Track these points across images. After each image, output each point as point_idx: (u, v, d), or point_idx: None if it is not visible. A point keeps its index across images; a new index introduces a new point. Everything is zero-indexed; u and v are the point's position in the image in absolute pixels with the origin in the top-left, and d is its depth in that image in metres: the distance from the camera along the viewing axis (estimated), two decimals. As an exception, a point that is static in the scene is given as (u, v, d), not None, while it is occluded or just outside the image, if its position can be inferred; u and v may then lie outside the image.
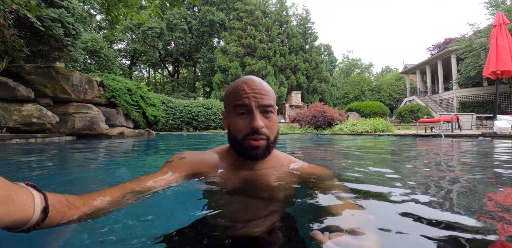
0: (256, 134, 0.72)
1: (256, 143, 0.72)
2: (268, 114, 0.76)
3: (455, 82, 15.78)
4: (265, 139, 0.74)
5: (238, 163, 0.82)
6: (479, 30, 14.10)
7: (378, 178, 1.13)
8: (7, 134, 4.30)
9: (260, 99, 0.74)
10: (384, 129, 9.17)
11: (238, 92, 0.75)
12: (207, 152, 0.87)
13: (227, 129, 0.81)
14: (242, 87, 0.75)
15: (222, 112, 0.86)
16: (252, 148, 0.73)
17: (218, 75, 21.33)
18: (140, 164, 2.03)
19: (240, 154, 0.78)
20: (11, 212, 0.34)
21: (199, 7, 28.62)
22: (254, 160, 0.77)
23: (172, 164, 0.77)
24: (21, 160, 2.16)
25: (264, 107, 0.74)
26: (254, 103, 0.73)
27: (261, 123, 0.72)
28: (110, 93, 7.05)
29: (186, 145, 4.23)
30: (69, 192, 1.09)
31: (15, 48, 5.72)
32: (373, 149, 3.19)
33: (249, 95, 0.73)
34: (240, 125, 0.74)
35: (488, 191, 0.92)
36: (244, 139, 0.73)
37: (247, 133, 0.73)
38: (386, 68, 44.71)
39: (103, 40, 15.06)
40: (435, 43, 22.10)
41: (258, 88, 0.75)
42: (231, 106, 0.76)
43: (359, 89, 28.56)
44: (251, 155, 0.74)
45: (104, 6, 4.68)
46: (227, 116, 0.82)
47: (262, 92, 0.75)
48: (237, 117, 0.75)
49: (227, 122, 0.82)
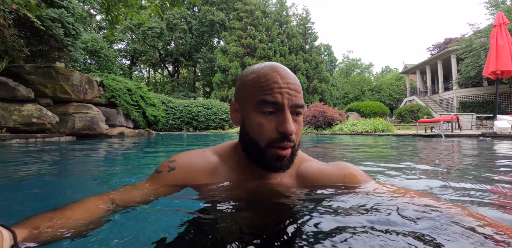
0: (287, 141, 0.58)
1: (284, 153, 0.59)
2: (298, 117, 0.61)
3: (455, 82, 15.78)
4: (292, 147, 0.60)
5: (246, 169, 0.67)
6: (479, 30, 14.10)
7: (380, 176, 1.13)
8: (7, 134, 4.30)
9: (294, 97, 0.59)
10: (384, 129, 9.17)
11: (269, 84, 0.58)
12: (205, 153, 0.71)
13: (240, 127, 0.65)
14: (274, 78, 0.59)
15: (231, 103, 0.67)
16: (279, 159, 0.59)
17: (218, 75, 21.33)
18: (140, 165, 2.03)
19: (258, 163, 0.62)
20: None
21: (199, 7, 28.62)
22: (275, 172, 0.63)
23: (160, 176, 0.66)
24: (21, 160, 2.16)
25: (296, 108, 0.60)
26: (287, 101, 0.58)
27: (294, 127, 0.58)
28: (110, 93, 7.05)
29: (186, 144, 4.23)
30: (66, 193, 1.09)
31: (15, 48, 5.72)
32: (373, 149, 3.19)
33: (283, 90, 0.58)
34: (265, 127, 0.58)
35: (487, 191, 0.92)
36: (270, 146, 0.59)
37: (275, 139, 0.58)
38: (386, 68, 44.71)
39: (103, 40, 15.06)
40: (435, 43, 22.10)
41: (292, 83, 0.60)
42: (253, 99, 0.60)
43: (359, 89, 28.56)
44: (275, 167, 0.60)
45: (104, 6, 4.68)
46: (241, 110, 0.64)
47: (297, 88, 0.60)
48: (260, 115, 0.59)
49: (241, 117, 0.65)
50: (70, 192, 1.10)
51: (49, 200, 0.93)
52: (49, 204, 0.86)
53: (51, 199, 0.96)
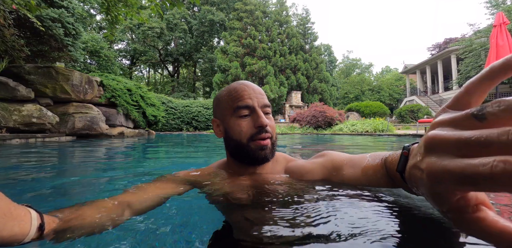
0: (264, 132, 0.69)
1: (265, 142, 0.70)
2: (268, 115, 0.74)
3: (455, 82, 15.78)
4: (270, 138, 0.72)
5: (238, 170, 0.78)
6: (479, 30, 14.10)
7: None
8: (7, 134, 4.30)
9: (261, 99, 0.72)
10: (384, 129, 9.17)
11: (239, 93, 0.72)
12: (203, 168, 0.86)
13: (224, 136, 0.77)
14: (242, 89, 0.72)
15: (212, 120, 0.80)
16: (262, 149, 0.70)
17: (218, 75, 21.33)
18: (140, 165, 2.03)
19: (246, 158, 0.72)
20: (9, 226, 0.34)
21: (199, 7, 28.62)
22: (262, 162, 0.72)
23: (166, 178, 0.76)
24: (20, 161, 2.16)
25: (265, 107, 0.73)
26: (257, 103, 0.71)
27: (267, 120, 0.70)
28: (110, 93, 7.05)
29: (186, 143, 4.23)
30: (67, 194, 1.09)
31: (15, 48, 5.72)
32: (373, 149, 3.19)
33: (252, 95, 0.71)
34: (244, 127, 0.70)
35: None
36: (251, 140, 0.70)
37: (254, 133, 0.70)
38: (386, 68, 44.71)
39: (103, 40, 15.06)
40: (435, 43, 22.10)
41: (257, 88, 0.75)
42: (230, 109, 0.72)
43: (359, 89, 28.56)
44: (260, 156, 0.70)
45: (104, 6, 4.68)
46: (221, 123, 0.76)
47: (261, 92, 0.75)
48: (238, 119, 0.71)
49: (223, 128, 0.76)
50: (70, 192, 1.10)
51: (49, 200, 0.93)
52: (49, 204, 0.86)
53: (51, 199, 0.96)
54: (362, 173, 0.59)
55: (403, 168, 0.39)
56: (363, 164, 0.60)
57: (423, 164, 0.25)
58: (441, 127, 0.25)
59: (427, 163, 0.24)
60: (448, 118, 0.25)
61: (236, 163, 0.77)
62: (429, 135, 0.25)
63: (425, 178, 0.24)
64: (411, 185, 0.30)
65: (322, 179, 0.70)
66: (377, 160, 0.56)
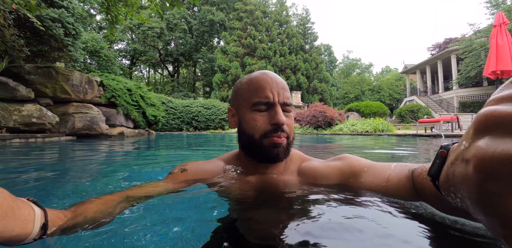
0: (280, 132, 0.64)
1: (280, 140, 0.64)
2: (289, 113, 0.68)
3: (455, 82, 15.78)
4: (286, 137, 0.66)
5: (248, 167, 0.73)
6: (479, 30, 14.11)
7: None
8: (7, 134, 4.30)
9: (283, 96, 0.67)
10: (384, 129, 9.17)
11: (260, 85, 0.66)
12: (212, 160, 0.79)
13: (238, 127, 0.71)
14: (264, 80, 0.66)
15: (228, 108, 0.75)
16: (275, 146, 0.64)
17: (218, 75, 21.34)
18: (140, 165, 2.03)
19: (257, 155, 0.67)
20: (11, 227, 0.33)
21: (199, 7, 28.61)
22: (274, 161, 0.67)
23: (173, 176, 0.72)
24: (20, 161, 2.16)
25: (285, 106, 0.67)
26: (277, 98, 0.65)
27: (285, 118, 0.64)
28: (110, 93, 7.05)
29: (185, 143, 4.23)
30: (67, 194, 1.09)
31: (15, 48, 5.72)
32: (373, 149, 3.19)
33: (273, 90, 0.65)
34: (259, 122, 0.65)
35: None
36: (265, 137, 0.64)
37: (268, 131, 0.64)
38: (386, 68, 44.71)
39: (103, 40, 15.07)
40: (435, 43, 22.09)
41: (281, 82, 0.68)
42: (248, 102, 0.67)
43: (359, 89, 28.55)
44: (272, 154, 0.65)
45: (104, 6, 4.68)
46: (237, 113, 0.71)
47: (284, 86, 0.68)
48: (254, 113, 0.66)
49: (237, 119, 0.71)
50: (70, 192, 1.10)
51: (50, 200, 0.93)
52: (50, 204, 0.86)
53: (51, 199, 0.96)
54: (383, 183, 0.54)
55: (438, 171, 0.31)
56: (386, 173, 0.55)
57: (471, 152, 0.18)
58: (505, 102, 0.18)
59: (477, 148, 0.18)
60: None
61: (247, 159, 0.71)
62: (484, 111, 0.19)
63: (471, 172, 0.18)
64: (449, 191, 0.23)
65: (337, 184, 0.65)
66: (404, 170, 0.52)
